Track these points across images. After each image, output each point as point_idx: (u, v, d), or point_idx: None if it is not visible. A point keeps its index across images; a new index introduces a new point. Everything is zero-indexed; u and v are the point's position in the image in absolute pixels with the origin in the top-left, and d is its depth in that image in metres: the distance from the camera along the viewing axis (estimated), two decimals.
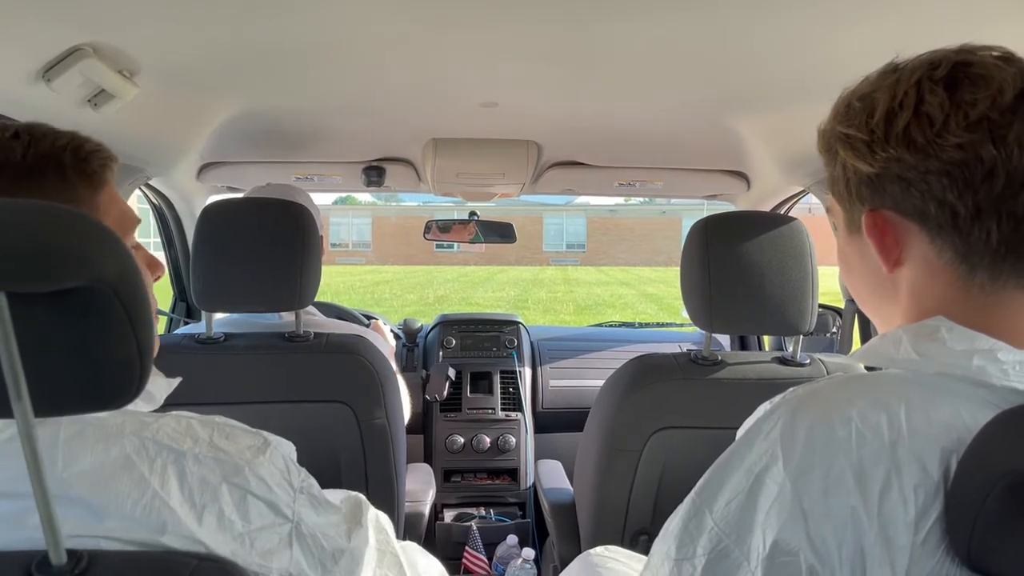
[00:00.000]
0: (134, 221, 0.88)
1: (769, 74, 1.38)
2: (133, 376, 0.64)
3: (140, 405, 0.82)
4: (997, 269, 0.64)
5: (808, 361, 1.48)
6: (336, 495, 0.89)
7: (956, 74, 0.63)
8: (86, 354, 0.60)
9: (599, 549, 1.33)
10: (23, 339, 0.56)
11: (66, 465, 0.68)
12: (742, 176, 2.26)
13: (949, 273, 0.66)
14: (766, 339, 2.59)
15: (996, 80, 0.61)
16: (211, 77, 1.49)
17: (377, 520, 0.96)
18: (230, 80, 1.52)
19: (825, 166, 0.74)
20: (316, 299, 1.78)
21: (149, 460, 0.69)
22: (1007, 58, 0.63)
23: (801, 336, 1.45)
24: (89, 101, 1.32)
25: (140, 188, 2.12)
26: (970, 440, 0.57)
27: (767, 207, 2.29)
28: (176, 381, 0.87)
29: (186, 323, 2.56)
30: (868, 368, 1.43)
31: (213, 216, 1.48)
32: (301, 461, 0.82)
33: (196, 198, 2.39)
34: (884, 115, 0.64)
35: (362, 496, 0.92)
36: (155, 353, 0.88)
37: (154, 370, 0.83)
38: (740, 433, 0.70)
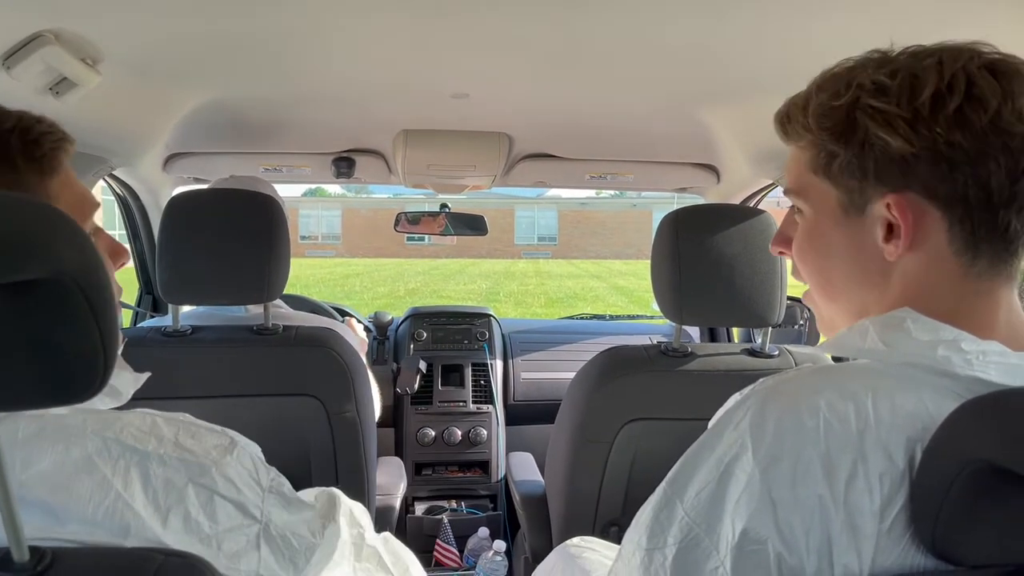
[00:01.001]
0: (92, 205, 0.84)
1: (739, 67, 1.39)
2: (96, 370, 0.62)
3: (105, 401, 0.79)
4: (997, 259, 0.66)
5: (777, 352, 1.49)
6: (310, 493, 0.88)
7: (994, 66, 0.63)
8: (47, 347, 0.58)
9: (576, 540, 1.33)
10: None
11: (25, 466, 0.66)
12: (712, 169, 2.27)
13: (953, 262, 0.66)
14: (735, 331, 2.62)
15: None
16: (177, 66, 1.46)
17: (352, 514, 0.95)
18: (197, 69, 1.49)
19: (812, 144, 0.71)
20: (287, 293, 1.76)
21: (112, 461, 0.68)
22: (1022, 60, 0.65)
23: (770, 328, 1.47)
24: (51, 89, 1.28)
25: (104, 179, 2.08)
26: (935, 429, 0.58)
27: (737, 200, 2.30)
28: (144, 376, 0.85)
29: (152, 317, 2.51)
30: (835, 359, 1.45)
31: (179, 207, 1.45)
32: (270, 455, 0.80)
33: (162, 189, 2.34)
34: (932, 95, 0.63)
35: (337, 491, 0.90)
36: (120, 346, 0.86)
37: (121, 364, 0.81)
38: (711, 424, 0.70)
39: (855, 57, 0.70)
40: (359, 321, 2.52)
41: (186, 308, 1.85)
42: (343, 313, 2.56)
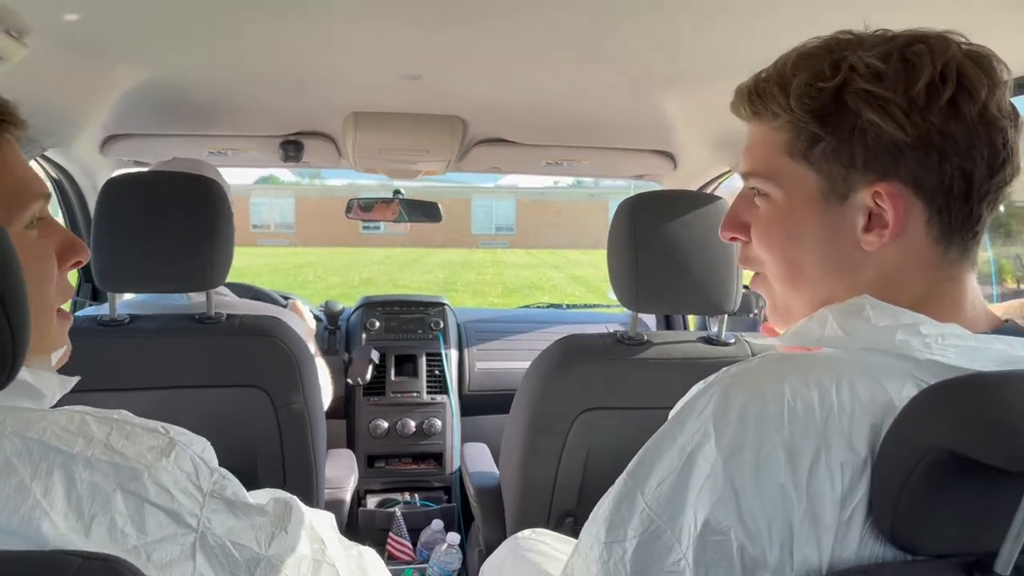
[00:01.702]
0: (34, 194, 0.76)
1: (698, 51, 1.38)
2: (4, 362, 0.57)
3: (24, 403, 0.73)
4: (965, 248, 0.67)
5: (733, 340, 1.50)
6: (262, 496, 0.82)
7: (975, 56, 0.63)
8: None
9: (526, 532, 1.32)
10: None
11: None
12: (669, 156, 2.27)
13: (927, 251, 0.66)
14: (691, 320, 2.63)
15: (999, 70, 0.64)
16: (113, 42, 1.39)
17: (312, 528, 0.87)
18: (134, 45, 1.42)
19: (793, 126, 0.68)
20: (232, 281, 1.71)
21: (32, 464, 0.62)
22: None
23: (726, 316, 1.47)
24: None
25: (36, 160, 1.99)
26: (895, 416, 0.58)
27: (693, 187, 2.31)
28: (72, 381, 0.78)
29: (91, 305, 2.42)
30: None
31: (115, 190, 1.39)
32: (214, 449, 0.75)
33: (100, 173, 2.25)
34: (927, 84, 0.62)
35: (294, 500, 0.84)
36: (60, 344, 0.80)
37: (47, 364, 0.76)
38: (672, 414, 0.68)
39: (825, 36, 0.68)
40: (304, 305, 2.45)
41: (127, 296, 1.78)
42: (287, 298, 2.49)
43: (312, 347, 1.74)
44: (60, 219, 2.39)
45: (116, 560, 0.59)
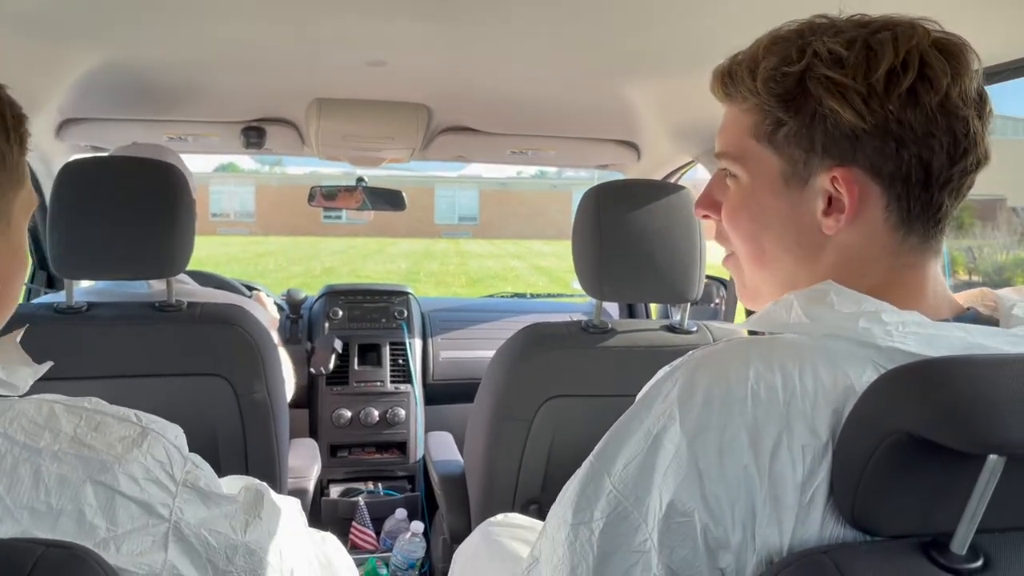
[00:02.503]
0: (35, 203, 0.78)
1: (661, 38, 1.38)
2: None
3: None
4: (926, 236, 0.67)
5: (695, 328, 1.51)
6: (234, 484, 0.81)
7: (942, 45, 0.63)
8: None
9: (499, 517, 1.32)
10: None
11: None
12: (632, 146, 2.28)
13: (887, 237, 0.67)
14: (653, 309, 2.65)
15: (972, 59, 0.64)
16: (69, 22, 1.35)
17: (283, 514, 0.88)
18: (91, 26, 1.38)
19: (759, 109, 0.69)
20: (194, 269, 1.68)
21: None
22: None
23: (688, 304, 1.48)
24: None
25: None
26: (856, 400, 0.59)
27: (657, 177, 2.32)
28: (44, 367, 0.77)
29: (47, 293, 2.35)
30: (752, 332, 1.48)
31: (72, 175, 1.35)
32: None
33: (56, 158, 2.19)
34: (887, 71, 0.62)
35: (263, 486, 0.84)
36: (19, 334, 0.78)
37: (20, 357, 0.73)
38: (639, 397, 0.69)
39: (800, 20, 0.69)
40: (268, 297, 2.42)
41: (84, 284, 1.73)
42: (252, 289, 2.46)
43: (275, 337, 1.71)
44: None
45: (79, 547, 0.58)
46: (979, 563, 0.55)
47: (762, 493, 0.58)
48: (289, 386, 1.78)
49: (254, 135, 2.15)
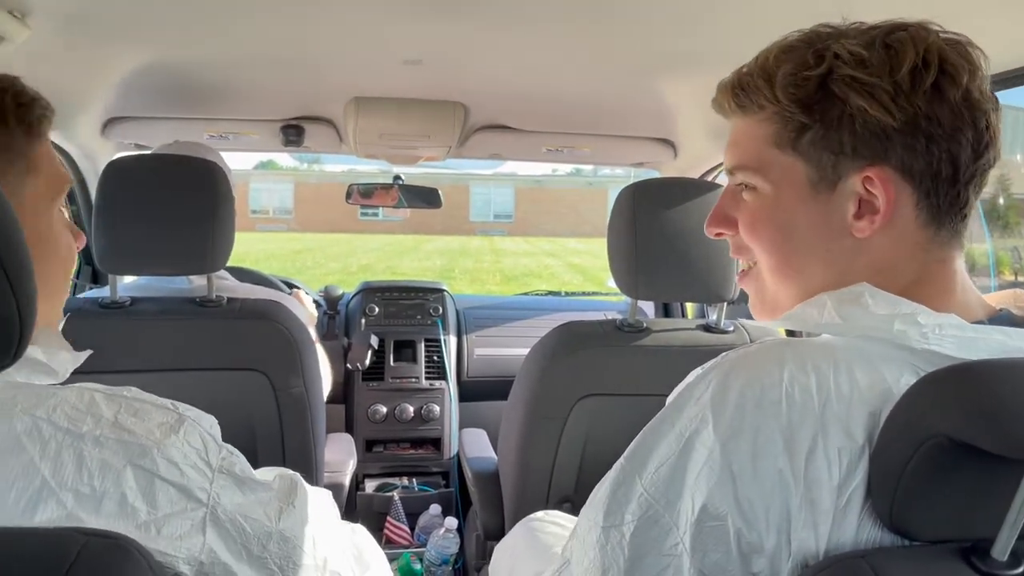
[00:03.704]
0: (67, 180, 0.81)
1: (699, 35, 1.37)
2: (12, 337, 0.57)
3: (41, 379, 0.74)
4: (954, 230, 0.67)
5: (732, 328, 1.50)
6: (268, 474, 0.83)
7: (955, 43, 0.64)
8: None
9: (539, 514, 1.33)
10: None
11: None
12: (669, 144, 2.26)
13: (919, 235, 0.67)
14: (689, 308, 2.63)
15: (978, 56, 0.64)
16: (115, 23, 1.38)
17: (316, 504, 0.89)
18: (136, 27, 1.42)
19: (780, 117, 0.68)
20: (233, 266, 1.70)
21: (41, 443, 0.62)
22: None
23: (725, 303, 1.47)
24: None
25: None
26: (894, 403, 0.58)
27: (694, 176, 2.30)
28: (84, 354, 0.79)
29: (91, 288, 2.41)
30: (789, 333, 1.46)
31: (117, 172, 1.38)
32: None
33: (101, 155, 2.24)
34: (911, 69, 0.62)
35: (297, 475, 0.85)
36: (61, 322, 0.81)
37: (60, 342, 0.77)
38: (670, 399, 0.68)
39: (805, 30, 0.69)
40: (307, 294, 2.45)
41: (127, 279, 1.77)
42: (291, 286, 2.50)
43: (313, 334, 1.74)
44: None
45: (121, 537, 0.59)
46: (1020, 569, 0.54)
47: (797, 497, 0.57)
48: (326, 382, 1.80)
49: (293, 133, 2.19)
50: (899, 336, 0.61)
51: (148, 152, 2.02)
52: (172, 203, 1.36)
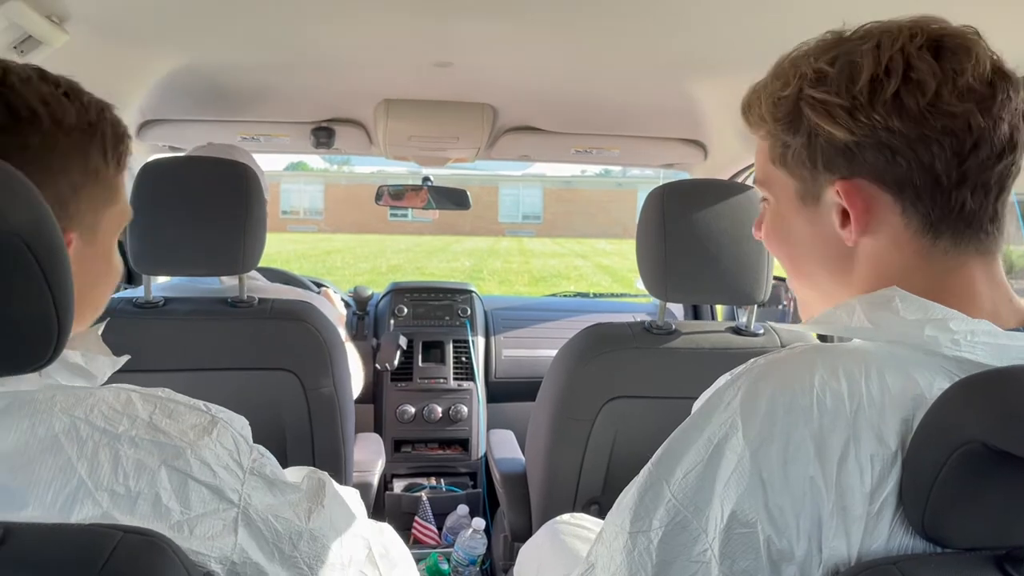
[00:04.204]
0: (130, 214, 0.83)
1: (731, 36, 1.36)
2: (49, 338, 0.58)
3: (79, 383, 0.75)
4: (960, 236, 0.65)
5: (762, 331, 1.48)
6: (298, 474, 0.84)
7: (938, 43, 0.62)
8: None
9: (566, 516, 1.33)
10: None
11: None
12: (699, 145, 2.25)
13: (914, 242, 0.66)
14: (719, 311, 2.61)
15: (974, 51, 0.62)
16: (149, 28, 1.41)
17: (344, 503, 0.90)
18: (170, 32, 1.44)
19: (769, 135, 0.71)
20: (264, 266, 1.72)
21: (79, 443, 0.64)
22: (975, 30, 0.64)
23: (755, 306, 1.45)
24: (15, 48, 1.23)
25: None
26: (926, 409, 0.57)
27: (724, 177, 2.28)
28: (121, 360, 0.80)
29: (126, 288, 2.46)
30: (821, 338, 1.44)
31: (151, 174, 1.40)
32: None
33: (136, 157, 2.28)
34: (869, 81, 0.62)
35: (325, 475, 0.86)
36: (101, 326, 0.82)
37: (99, 346, 0.78)
38: (698, 404, 0.68)
39: (809, 41, 0.69)
40: (335, 293, 2.48)
41: (160, 279, 1.80)
42: (320, 286, 2.52)
43: (342, 332, 1.75)
44: None
45: (156, 534, 0.60)
46: None
47: (829, 504, 0.57)
48: (357, 381, 1.82)
49: (323, 135, 2.21)
50: (929, 342, 0.60)
51: (182, 154, 2.05)
52: (206, 205, 1.38)
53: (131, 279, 2.50)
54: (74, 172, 0.72)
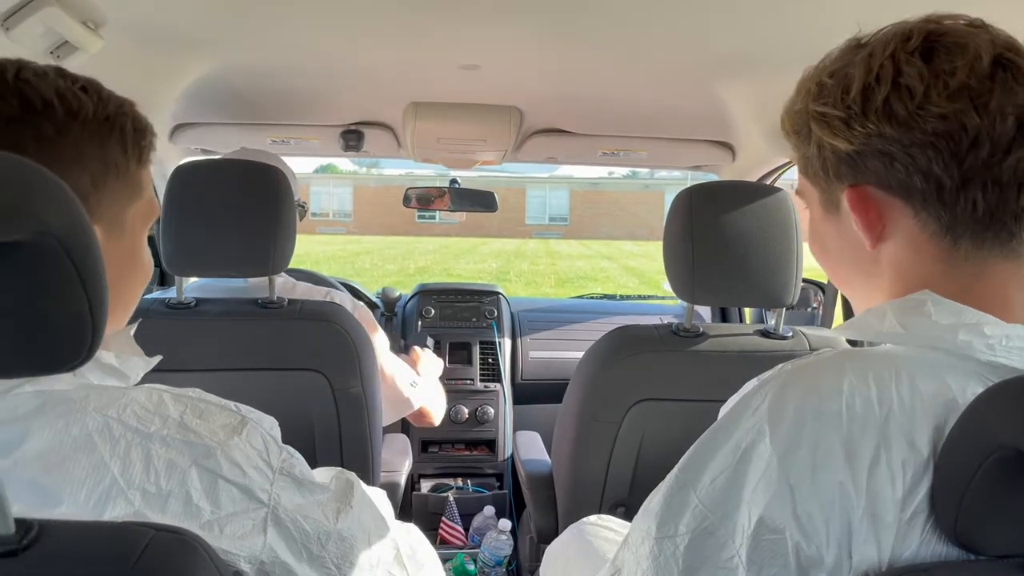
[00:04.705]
0: (158, 210, 0.84)
1: (759, 37, 1.35)
2: (84, 337, 0.59)
3: (112, 383, 0.77)
4: (980, 239, 0.64)
5: (790, 334, 1.47)
6: (326, 474, 0.85)
7: (930, 44, 0.62)
8: (30, 313, 0.56)
9: (592, 518, 1.33)
10: None
11: (22, 441, 0.63)
12: (727, 147, 2.23)
13: (933, 246, 0.65)
14: (747, 313, 2.59)
15: (971, 47, 0.61)
16: (182, 33, 1.43)
17: (372, 504, 0.91)
18: (203, 37, 1.46)
19: (795, 147, 0.73)
20: (292, 268, 1.74)
21: (112, 442, 0.65)
22: (978, 24, 0.63)
23: (784, 309, 1.44)
24: (51, 53, 1.26)
25: None
26: (959, 414, 0.56)
27: (752, 179, 2.26)
28: (154, 360, 0.81)
29: (157, 289, 2.50)
30: (851, 343, 1.43)
31: (184, 177, 1.43)
32: None
33: (168, 160, 2.32)
34: (861, 90, 0.63)
35: (353, 476, 0.87)
36: (133, 327, 0.84)
37: (132, 347, 0.79)
38: (725, 409, 0.68)
39: (833, 51, 0.70)
40: (361, 293, 2.50)
41: (190, 280, 1.83)
42: (351, 290, 2.54)
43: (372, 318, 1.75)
44: None
45: (187, 533, 0.61)
46: None
47: (859, 510, 0.56)
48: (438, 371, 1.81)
49: (352, 138, 2.23)
50: (963, 347, 0.60)
51: (214, 158, 2.08)
52: (237, 207, 1.40)
53: (163, 280, 2.54)
54: (92, 164, 0.72)
